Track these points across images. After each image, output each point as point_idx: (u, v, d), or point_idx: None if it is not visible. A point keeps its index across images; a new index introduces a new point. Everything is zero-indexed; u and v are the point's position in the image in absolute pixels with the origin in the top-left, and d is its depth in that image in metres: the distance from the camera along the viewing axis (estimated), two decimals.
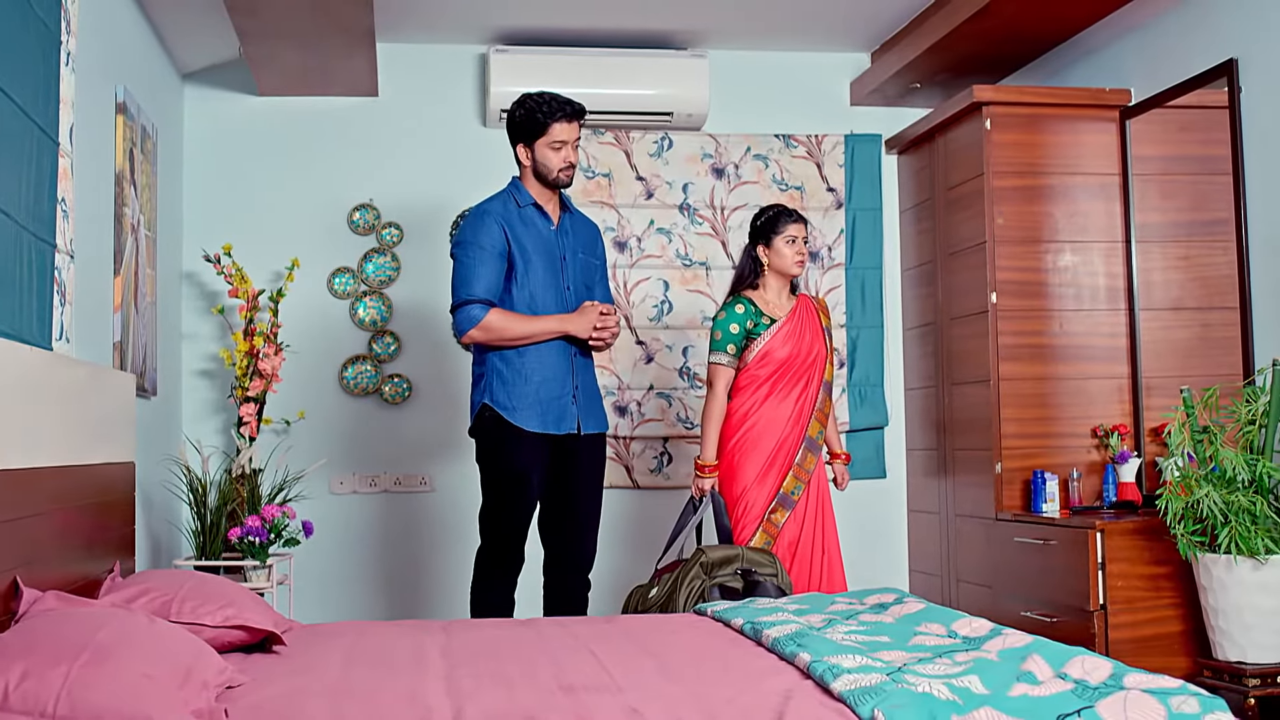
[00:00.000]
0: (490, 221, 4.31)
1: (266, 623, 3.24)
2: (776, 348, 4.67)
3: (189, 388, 5.81)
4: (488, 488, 4.37)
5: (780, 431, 4.66)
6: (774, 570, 4.35)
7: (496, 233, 4.29)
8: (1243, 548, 4.08)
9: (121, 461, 3.95)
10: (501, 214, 4.35)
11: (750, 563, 4.36)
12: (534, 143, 4.33)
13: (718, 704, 2.54)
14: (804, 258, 4.74)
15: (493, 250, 4.27)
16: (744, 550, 4.40)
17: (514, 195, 4.41)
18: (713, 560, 4.35)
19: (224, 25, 5.03)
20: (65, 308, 3.67)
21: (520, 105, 4.37)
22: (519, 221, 4.35)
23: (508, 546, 4.33)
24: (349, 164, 6.00)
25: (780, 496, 4.63)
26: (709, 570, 4.34)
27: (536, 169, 4.36)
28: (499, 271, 4.28)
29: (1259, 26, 4.54)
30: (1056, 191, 5.40)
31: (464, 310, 4.24)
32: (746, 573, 4.33)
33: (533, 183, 4.40)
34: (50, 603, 2.84)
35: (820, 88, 6.34)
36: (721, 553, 4.37)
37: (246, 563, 4.74)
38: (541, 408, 4.29)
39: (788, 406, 4.67)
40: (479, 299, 4.23)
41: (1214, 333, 4.89)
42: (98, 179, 4.20)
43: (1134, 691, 2.44)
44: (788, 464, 4.65)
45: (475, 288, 4.24)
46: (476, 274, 4.25)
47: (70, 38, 3.73)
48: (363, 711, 2.49)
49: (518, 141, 4.38)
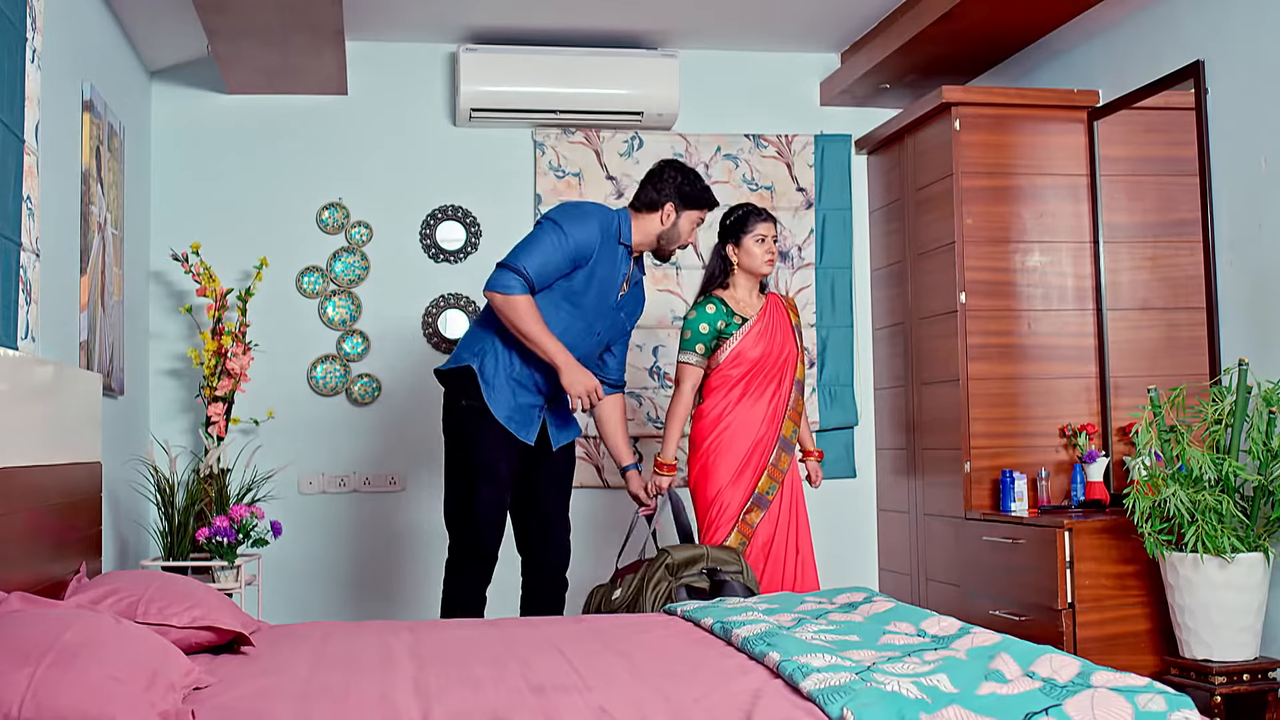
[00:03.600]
0: (594, 226, 4.27)
1: (234, 624, 3.22)
2: (749, 347, 4.67)
3: (156, 387, 5.77)
4: (452, 475, 4.35)
5: (755, 432, 4.66)
6: (739, 568, 4.33)
7: (590, 239, 4.25)
8: (1209, 546, 4.11)
9: (88, 461, 3.92)
10: (604, 228, 4.31)
11: (715, 561, 4.33)
12: (684, 210, 4.39)
13: (686, 703, 2.54)
14: (774, 257, 4.74)
15: (575, 249, 4.23)
16: (709, 549, 4.37)
17: (621, 224, 4.38)
18: (678, 561, 4.32)
19: (192, 23, 5.00)
20: (31, 307, 3.64)
21: (694, 176, 4.44)
22: (608, 251, 4.33)
23: (478, 540, 4.29)
24: (318, 162, 5.97)
25: (755, 497, 4.63)
26: (674, 571, 4.31)
27: (668, 231, 4.40)
28: (560, 269, 4.23)
29: (1225, 29, 4.57)
30: (1025, 192, 5.42)
31: (507, 274, 4.18)
32: (712, 572, 4.30)
33: (643, 234, 4.42)
34: (15, 604, 2.81)
35: (790, 88, 6.35)
36: (686, 553, 4.34)
37: (214, 563, 4.71)
38: (513, 407, 4.29)
39: (761, 407, 4.67)
40: (527, 275, 4.17)
41: (1181, 333, 4.92)
42: (64, 177, 4.16)
43: (1101, 690, 2.45)
44: (762, 464, 4.65)
45: (533, 264, 4.18)
46: (544, 255, 4.20)
47: (36, 34, 3.70)
48: (330, 712, 2.48)
49: (672, 200, 4.39)
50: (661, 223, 4.40)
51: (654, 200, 4.40)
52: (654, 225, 4.41)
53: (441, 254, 6.02)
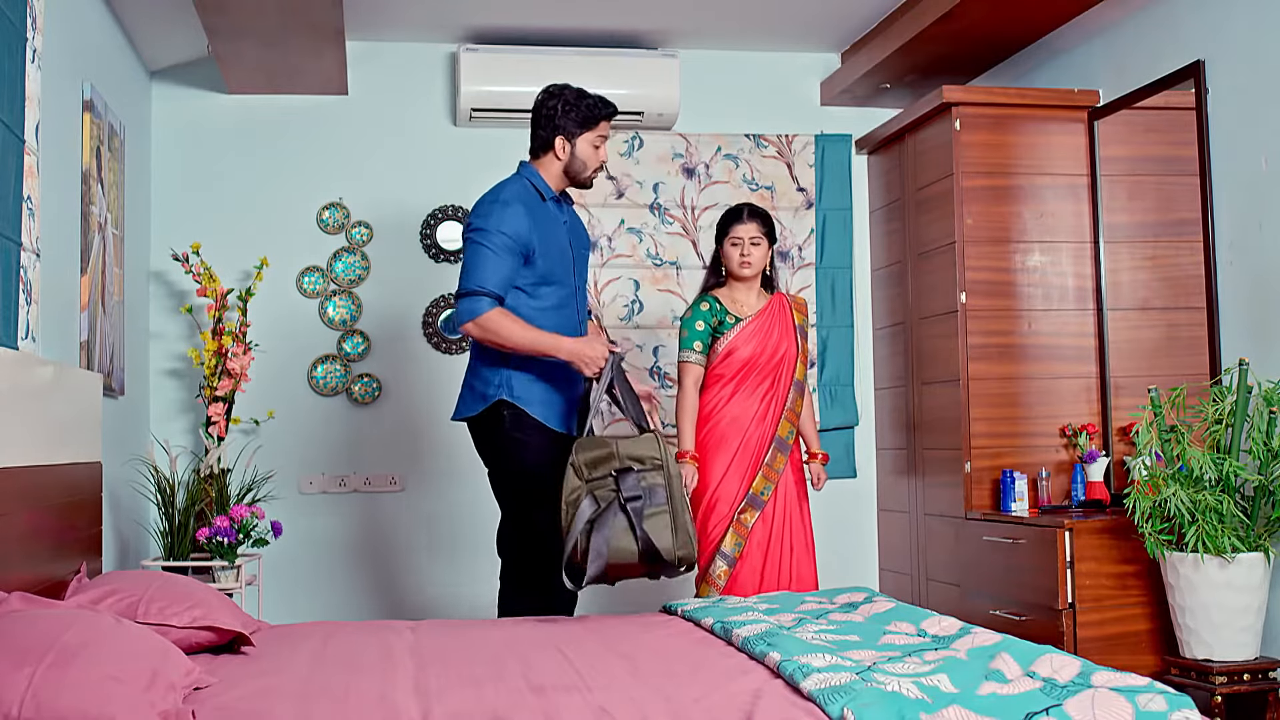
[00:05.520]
0: (518, 208, 4.01)
1: (234, 624, 3.22)
2: (739, 346, 4.67)
3: (157, 387, 5.77)
4: (509, 496, 4.13)
5: (745, 429, 4.66)
6: (661, 463, 3.85)
7: (523, 224, 4.00)
8: (1210, 546, 4.11)
9: (88, 461, 3.92)
10: (525, 202, 4.06)
11: (628, 459, 3.82)
12: (579, 136, 4.14)
13: (686, 703, 2.54)
14: (748, 259, 4.69)
15: (516, 241, 3.97)
16: (618, 443, 3.83)
17: (534, 185, 4.15)
18: (583, 461, 3.82)
19: (192, 23, 5.00)
20: (31, 306, 3.64)
21: (572, 96, 4.15)
22: (542, 214, 4.10)
23: (536, 560, 4.06)
24: (318, 162, 5.97)
25: (750, 496, 4.63)
26: (581, 474, 3.81)
27: (570, 164, 4.16)
28: (516, 266, 3.99)
29: (1226, 29, 4.57)
30: (1025, 192, 5.42)
31: (470, 300, 3.94)
32: (623, 472, 3.78)
33: (555, 176, 4.18)
34: (15, 604, 2.81)
35: (790, 88, 6.35)
36: (592, 451, 3.83)
37: (215, 563, 4.71)
38: (559, 405, 4.11)
39: (753, 404, 4.67)
40: (488, 292, 3.93)
41: (1181, 332, 4.92)
42: (64, 177, 4.16)
43: (1102, 690, 2.45)
44: (756, 464, 4.65)
45: (488, 279, 3.94)
46: (492, 265, 3.95)
47: (36, 34, 3.70)
48: (330, 712, 2.48)
49: (560, 133, 4.13)
50: (559, 158, 4.15)
51: (544, 140, 4.16)
52: (555, 165, 4.16)
53: (442, 254, 6.01)
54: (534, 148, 4.23)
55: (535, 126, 4.20)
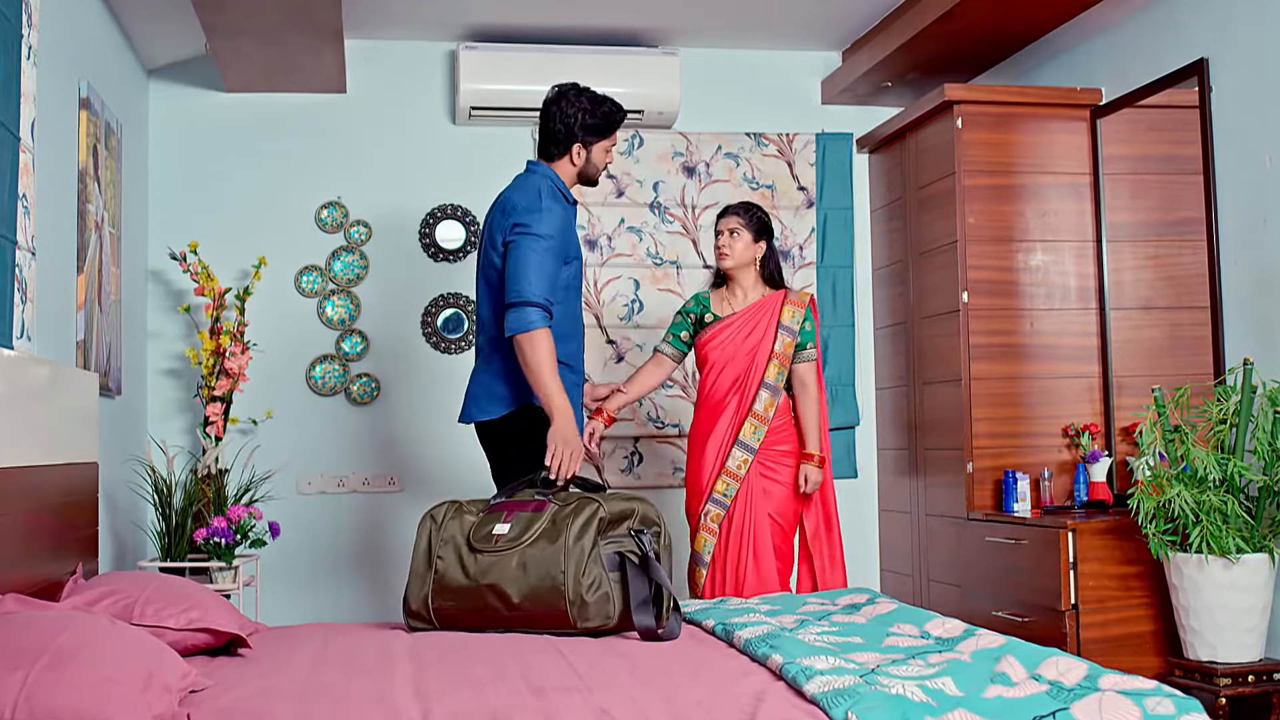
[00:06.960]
0: (556, 211, 3.96)
1: (232, 625, 3.20)
2: (705, 344, 4.78)
3: (154, 387, 5.75)
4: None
5: (711, 427, 4.71)
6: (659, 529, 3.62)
7: (560, 226, 3.95)
8: (1214, 547, 4.09)
9: (84, 462, 3.90)
10: (559, 203, 4.01)
11: (644, 522, 3.61)
12: (596, 142, 4.13)
13: (688, 705, 2.52)
14: (725, 250, 4.74)
15: (562, 247, 3.93)
16: (639, 506, 3.62)
17: (560, 189, 4.08)
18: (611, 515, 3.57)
19: (190, 21, 4.97)
20: (26, 305, 3.62)
21: (589, 103, 4.10)
22: (568, 214, 4.06)
23: None
24: (317, 161, 5.95)
25: (712, 497, 4.66)
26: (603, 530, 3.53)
27: (585, 169, 4.15)
28: (559, 269, 3.93)
29: (1229, 26, 4.55)
30: (1027, 191, 5.40)
31: (525, 311, 3.80)
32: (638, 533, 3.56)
33: (569, 178, 4.15)
34: (10, 605, 2.80)
35: (791, 86, 6.33)
36: (620, 505, 3.60)
37: (212, 564, 4.69)
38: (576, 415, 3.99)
39: (721, 404, 4.72)
40: (540, 303, 3.82)
41: (1184, 332, 4.90)
42: (60, 175, 4.14)
43: (1109, 693, 2.43)
44: (718, 465, 4.66)
45: (543, 288, 3.84)
46: (546, 271, 3.86)
47: (32, 31, 3.68)
48: (330, 714, 2.46)
49: (577, 140, 4.09)
50: (574, 163, 4.13)
51: (561, 143, 4.12)
52: (570, 168, 4.14)
53: (441, 253, 5.99)
54: (548, 149, 4.16)
55: (549, 129, 4.14)
